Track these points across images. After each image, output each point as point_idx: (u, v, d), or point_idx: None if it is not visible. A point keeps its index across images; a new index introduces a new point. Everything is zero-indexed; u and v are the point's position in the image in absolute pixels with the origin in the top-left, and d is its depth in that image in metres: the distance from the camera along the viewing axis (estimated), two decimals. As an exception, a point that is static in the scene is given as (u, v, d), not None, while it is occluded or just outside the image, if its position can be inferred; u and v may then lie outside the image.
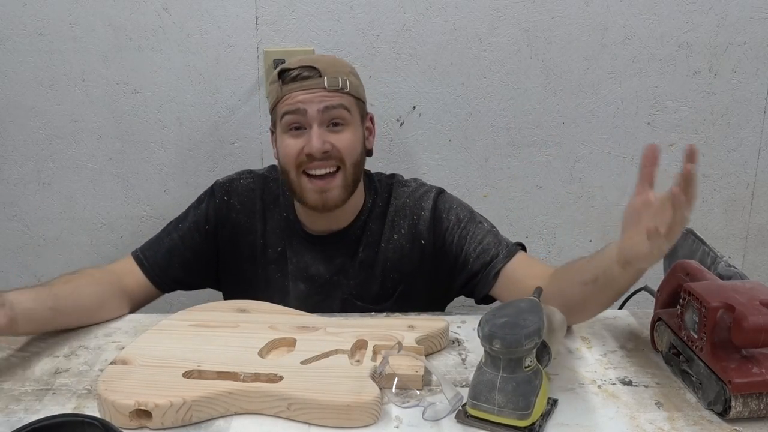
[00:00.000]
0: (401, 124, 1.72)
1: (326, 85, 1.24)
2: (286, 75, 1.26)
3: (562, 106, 1.73)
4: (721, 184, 1.81)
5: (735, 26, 1.69)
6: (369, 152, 1.36)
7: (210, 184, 1.40)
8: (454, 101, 1.71)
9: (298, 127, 1.25)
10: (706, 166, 1.79)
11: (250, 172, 1.41)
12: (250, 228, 1.36)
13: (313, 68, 1.24)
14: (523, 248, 1.30)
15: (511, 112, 1.72)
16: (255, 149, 1.72)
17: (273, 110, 1.30)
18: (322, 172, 1.25)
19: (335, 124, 1.25)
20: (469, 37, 1.67)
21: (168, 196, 1.75)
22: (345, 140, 1.25)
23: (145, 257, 1.33)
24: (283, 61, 1.63)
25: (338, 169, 1.26)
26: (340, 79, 1.25)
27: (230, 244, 1.36)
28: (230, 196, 1.36)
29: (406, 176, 1.42)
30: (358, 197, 1.34)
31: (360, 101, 1.30)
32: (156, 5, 1.62)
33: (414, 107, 1.71)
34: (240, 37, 1.64)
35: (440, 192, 1.36)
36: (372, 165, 1.52)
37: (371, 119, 1.36)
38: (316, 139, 1.23)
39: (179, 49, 1.65)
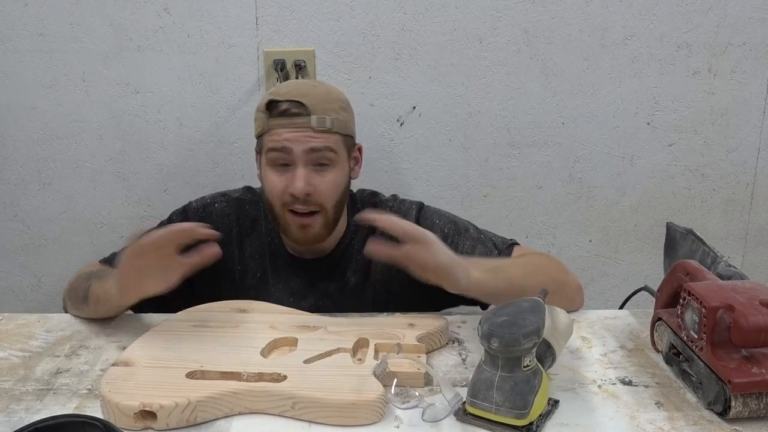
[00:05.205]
0: (401, 124, 1.72)
1: (314, 125, 1.21)
2: (273, 107, 1.23)
3: (561, 106, 1.73)
4: (720, 184, 1.81)
5: (734, 26, 1.69)
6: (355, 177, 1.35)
7: (210, 184, 1.40)
8: (454, 101, 1.71)
9: (284, 164, 1.24)
10: (705, 166, 1.80)
11: (224, 195, 1.38)
12: (226, 255, 1.30)
13: (302, 105, 1.21)
14: (516, 243, 1.31)
15: (511, 112, 1.73)
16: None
17: (259, 139, 1.29)
18: (304, 210, 1.25)
19: (321, 164, 1.24)
20: (469, 37, 1.67)
21: (168, 196, 1.75)
22: (328, 183, 1.25)
23: None
24: (283, 62, 1.63)
25: (318, 211, 1.25)
26: (328, 119, 1.22)
27: (206, 271, 1.34)
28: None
29: (407, 177, 1.42)
30: (341, 221, 1.33)
31: (348, 137, 1.29)
32: (156, 5, 1.62)
33: (414, 107, 1.71)
34: (240, 37, 1.65)
35: (420, 208, 1.35)
36: (372, 165, 1.53)
37: (359, 150, 1.35)
38: (300, 180, 1.22)
39: (179, 50, 1.65)
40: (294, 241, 1.30)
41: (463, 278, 1.08)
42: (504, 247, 1.30)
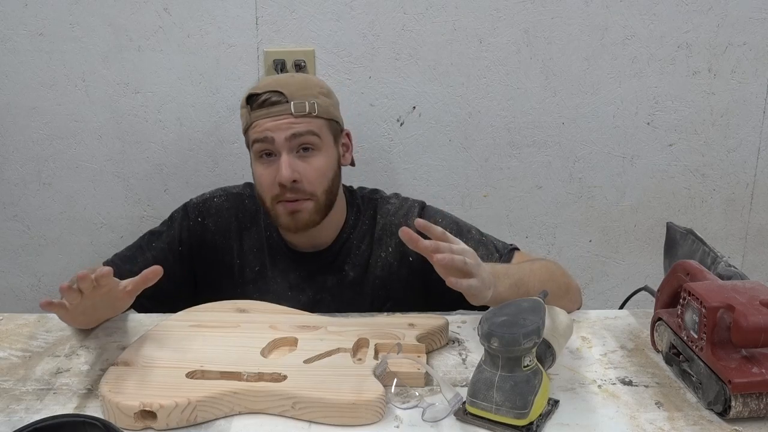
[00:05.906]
0: (401, 124, 1.72)
1: (293, 111, 1.23)
2: (253, 100, 1.25)
3: (561, 106, 1.73)
4: (720, 184, 1.81)
5: (734, 26, 1.69)
6: (352, 163, 1.36)
7: (210, 184, 1.41)
8: (454, 101, 1.71)
9: (269, 154, 1.25)
10: (706, 166, 1.80)
11: (224, 190, 1.40)
12: (225, 248, 1.35)
13: (280, 93, 1.23)
14: (516, 249, 1.31)
15: (511, 112, 1.73)
16: (255, 149, 1.72)
17: (245, 134, 1.31)
18: (293, 198, 1.25)
19: (305, 149, 1.25)
20: (469, 37, 1.67)
21: (168, 196, 1.75)
22: (314, 168, 1.25)
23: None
24: (283, 62, 1.64)
25: (309, 198, 1.26)
26: (307, 103, 1.24)
27: (207, 265, 1.36)
28: (204, 217, 1.36)
29: (407, 177, 1.42)
30: (339, 214, 1.34)
31: (332, 121, 1.29)
32: (156, 5, 1.62)
33: (414, 107, 1.71)
34: (240, 37, 1.64)
35: (423, 207, 1.36)
36: (372, 165, 1.53)
37: (348, 135, 1.35)
38: (285, 168, 1.22)
39: (179, 50, 1.65)
40: (286, 230, 1.30)
41: (489, 295, 1.07)
42: (505, 252, 1.30)
